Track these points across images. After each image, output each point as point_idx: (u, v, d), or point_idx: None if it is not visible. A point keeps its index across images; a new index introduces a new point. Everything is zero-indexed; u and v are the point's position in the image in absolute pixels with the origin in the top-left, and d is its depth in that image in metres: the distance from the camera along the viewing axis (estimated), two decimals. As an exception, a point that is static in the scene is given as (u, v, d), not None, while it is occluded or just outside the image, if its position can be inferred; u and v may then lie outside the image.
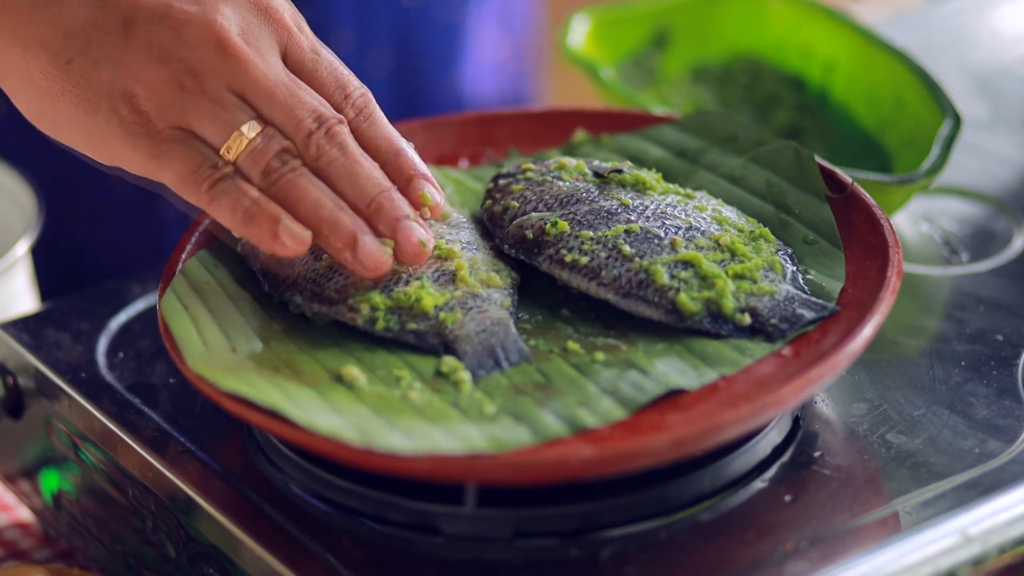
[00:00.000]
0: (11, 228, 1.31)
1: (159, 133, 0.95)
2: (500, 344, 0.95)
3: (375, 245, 0.95)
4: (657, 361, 0.95)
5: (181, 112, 0.95)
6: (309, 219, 0.95)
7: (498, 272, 0.99)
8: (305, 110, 0.96)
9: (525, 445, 0.89)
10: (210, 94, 0.95)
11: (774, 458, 0.97)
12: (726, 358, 0.95)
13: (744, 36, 1.43)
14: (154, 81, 0.95)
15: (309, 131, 0.96)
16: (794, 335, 0.96)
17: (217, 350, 0.95)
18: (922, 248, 1.19)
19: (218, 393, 0.92)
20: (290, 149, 0.96)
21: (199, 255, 1.03)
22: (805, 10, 1.40)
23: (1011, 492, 0.95)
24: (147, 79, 0.95)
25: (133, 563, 1.05)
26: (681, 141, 1.12)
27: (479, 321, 0.96)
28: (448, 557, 0.92)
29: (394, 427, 0.90)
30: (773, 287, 0.98)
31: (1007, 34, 1.56)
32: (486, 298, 0.97)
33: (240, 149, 0.95)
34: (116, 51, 0.96)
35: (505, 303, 0.97)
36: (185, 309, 0.98)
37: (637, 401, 0.92)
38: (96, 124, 0.96)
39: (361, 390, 0.93)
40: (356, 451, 0.89)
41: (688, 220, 1.01)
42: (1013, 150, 1.34)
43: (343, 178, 0.96)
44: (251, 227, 0.94)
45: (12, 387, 1.10)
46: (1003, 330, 1.07)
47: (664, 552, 0.92)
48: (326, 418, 0.90)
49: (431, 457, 0.88)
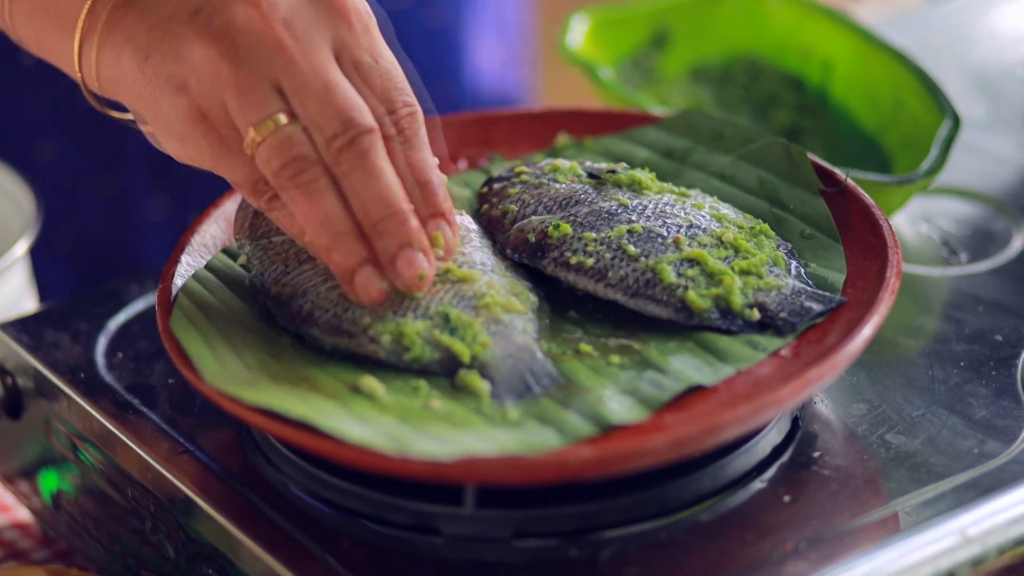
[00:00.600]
0: (11, 228, 1.31)
1: (215, 129, 0.94)
2: (528, 369, 0.94)
3: (371, 278, 0.94)
4: (672, 359, 0.95)
5: (220, 99, 0.93)
6: (313, 232, 0.93)
7: (517, 296, 0.98)
8: (335, 109, 0.93)
9: (555, 447, 0.89)
10: (243, 79, 0.92)
11: (773, 458, 0.97)
12: (739, 353, 0.95)
13: (743, 36, 1.43)
14: (199, 65, 0.93)
15: (334, 133, 0.93)
16: (804, 327, 0.96)
17: (232, 367, 0.95)
18: (921, 248, 1.19)
19: (243, 408, 0.92)
20: (309, 156, 0.93)
21: (197, 274, 1.02)
22: (804, 10, 1.40)
23: (1010, 492, 0.95)
24: (195, 64, 0.93)
25: (132, 563, 1.05)
26: (666, 142, 1.12)
27: (504, 346, 0.95)
28: (448, 557, 0.92)
29: (424, 434, 0.90)
30: (779, 282, 0.98)
31: (1007, 34, 1.56)
32: (508, 324, 0.96)
33: (261, 139, 0.93)
34: (179, 39, 0.94)
35: (528, 328, 0.96)
36: (193, 332, 0.97)
37: (659, 399, 0.92)
38: (164, 122, 0.95)
39: (382, 400, 0.93)
40: (391, 460, 0.88)
41: (688, 218, 1.01)
42: (1013, 150, 1.34)
43: (355, 191, 0.93)
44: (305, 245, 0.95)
45: (11, 387, 1.10)
46: (1002, 330, 1.07)
47: (664, 552, 0.92)
48: (356, 427, 0.90)
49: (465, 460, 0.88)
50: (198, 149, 0.95)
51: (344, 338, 0.96)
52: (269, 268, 1.00)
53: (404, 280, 0.94)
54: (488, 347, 0.94)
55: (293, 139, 0.93)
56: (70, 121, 1.43)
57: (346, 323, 0.96)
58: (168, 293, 1.00)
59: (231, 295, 1.01)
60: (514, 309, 0.97)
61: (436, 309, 0.95)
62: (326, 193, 0.93)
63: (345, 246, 0.93)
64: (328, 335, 0.96)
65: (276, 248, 1.00)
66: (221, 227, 1.07)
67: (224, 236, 1.07)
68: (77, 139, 1.44)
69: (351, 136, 0.93)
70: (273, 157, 0.93)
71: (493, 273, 0.99)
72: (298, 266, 0.99)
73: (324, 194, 0.93)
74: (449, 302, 0.96)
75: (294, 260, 0.99)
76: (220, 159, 0.95)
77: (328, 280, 0.97)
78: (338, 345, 0.96)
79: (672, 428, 0.90)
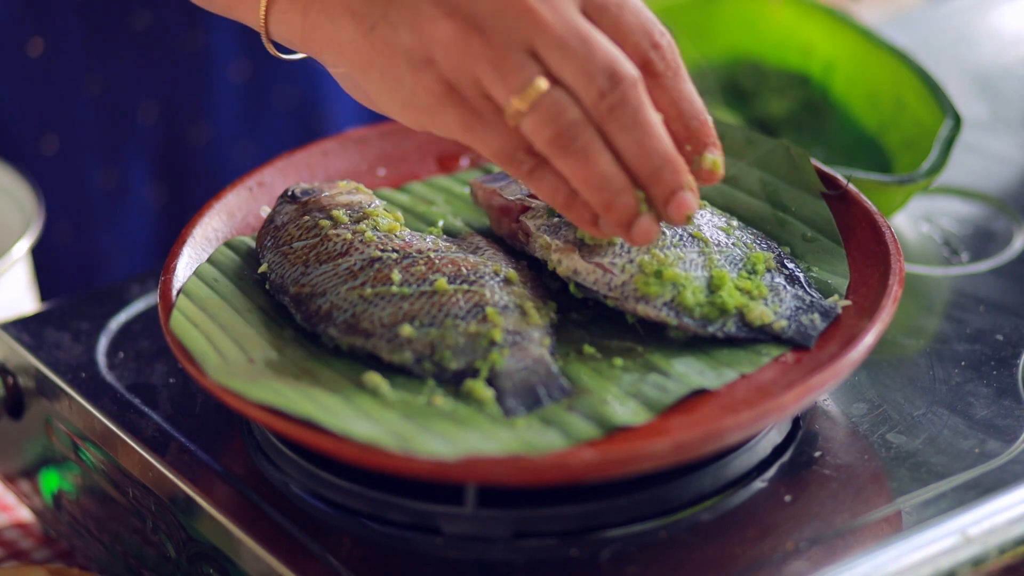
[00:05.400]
0: (11, 228, 1.31)
1: (466, 102, 0.91)
2: (541, 381, 0.94)
3: (651, 224, 0.92)
4: (675, 362, 0.95)
5: (472, 72, 0.90)
6: (591, 193, 0.91)
7: (537, 308, 0.98)
8: (598, 65, 0.89)
9: (558, 448, 0.89)
10: (496, 49, 0.90)
11: (774, 458, 0.97)
12: (743, 358, 0.95)
13: (744, 36, 1.43)
14: (445, 40, 0.90)
15: (601, 91, 0.90)
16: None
17: (235, 362, 0.95)
18: (922, 248, 1.19)
19: (246, 404, 0.92)
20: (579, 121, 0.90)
21: (199, 270, 1.03)
22: (805, 10, 1.40)
23: (1011, 492, 0.95)
24: (440, 38, 0.90)
25: (133, 563, 1.05)
26: None
27: (519, 358, 0.95)
28: (448, 557, 0.92)
29: (429, 432, 0.90)
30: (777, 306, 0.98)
31: (1007, 34, 1.56)
32: (525, 335, 0.96)
33: (526, 108, 0.90)
34: (411, 12, 0.91)
35: (545, 342, 0.96)
36: (195, 327, 0.97)
37: (662, 403, 0.92)
38: (403, 95, 0.92)
39: (386, 396, 0.93)
40: (395, 458, 0.88)
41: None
42: (1013, 150, 1.34)
43: (628, 145, 0.91)
44: (570, 211, 0.92)
45: (12, 387, 1.10)
46: (1003, 330, 1.07)
47: (664, 552, 0.92)
48: (360, 424, 0.90)
49: (469, 459, 0.88)
50: (446, 122, 0.93)
51: (360, 338, 0.96)
52: (289, 270, 1.00)
53: (676, 220, 0.92)
54: (504, 357, 0.94)
55: (560, 104, 0.90)
56: (74, 113, 1.43)
57: (364, 323, 0.96)
58: (170, 287, 1.00)
59: (234, 289, 1.01)
60: (533, 321, 0.97)
61: (461, 320, 0.95)
62: (601, 155, 0.91)
63: (623, 201, 0.91)
64: (345, 335, 0.96)
65: (297, 252, 1.01)
66: (223, 220, 1.07)
67: (226, 229, 1.07)
68: (81, 132, 1.44)
69: (620, 93, 0.90)
70: (544, 127, 0.90)
71: (513, 284, 0.99)
72: (318, 267, 0.99)
73: (600, 156, 0.91)
74: (472, 312, 0.96)
75: (314, 261, 1.00)
76: (473, 131, 0.92)
77: (348, 281, 0.98)
78: (354, 345, 0.96)
79: (674, 432, 0.90)
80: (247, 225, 1.08)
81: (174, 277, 1.01)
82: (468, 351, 0.94)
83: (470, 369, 0.94)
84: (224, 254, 1.04)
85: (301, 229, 1.02)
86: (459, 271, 0.98)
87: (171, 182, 1.50)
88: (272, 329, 0.98)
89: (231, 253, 1.05)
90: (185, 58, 1.45)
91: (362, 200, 1.04)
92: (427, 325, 0.95)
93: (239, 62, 1.48)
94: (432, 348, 0.94)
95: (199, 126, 1.48)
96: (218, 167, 1.50)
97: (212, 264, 1.03)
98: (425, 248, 1.00)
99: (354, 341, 0.96)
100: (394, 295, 0.96)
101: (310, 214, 1.03)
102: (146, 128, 1.46)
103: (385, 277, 0.97)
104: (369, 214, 1.02)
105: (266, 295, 1.01)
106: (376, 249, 0.99)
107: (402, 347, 0.95)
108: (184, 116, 1.47)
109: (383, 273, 0.98)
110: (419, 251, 0.99)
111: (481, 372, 0.94)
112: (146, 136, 1.47)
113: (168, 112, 1.46)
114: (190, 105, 1.47)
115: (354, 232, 1.01)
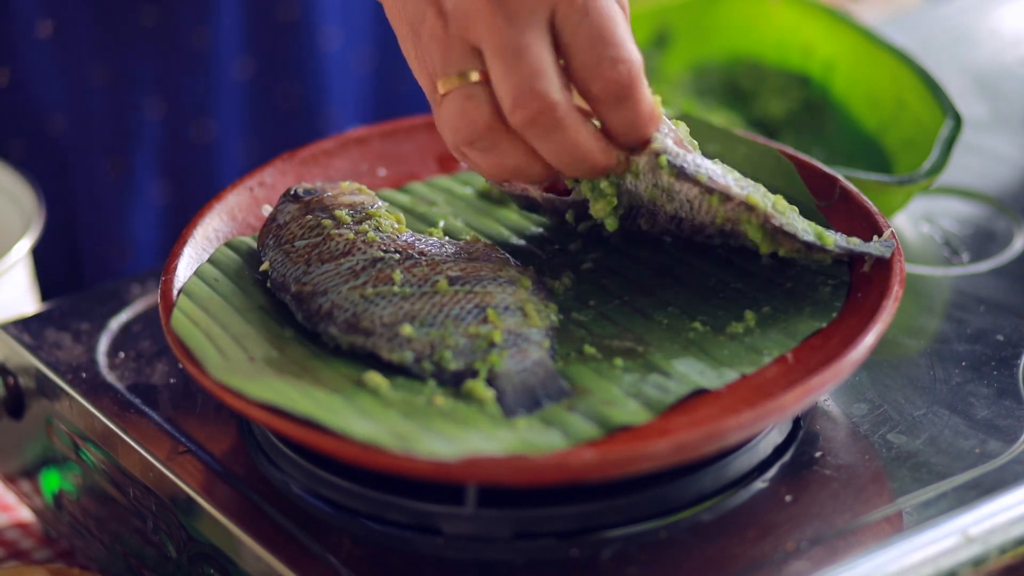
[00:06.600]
0: (11, 228, 1.31)
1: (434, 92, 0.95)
2: (540, 384, 0.94)
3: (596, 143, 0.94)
4: (676, 362, 0.95)
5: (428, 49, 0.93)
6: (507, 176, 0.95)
7: (538, 310, 0.98)
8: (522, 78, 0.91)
9: (559, 448, 0.89)
10: (449, 35, 0.92)
11: (775, 458, 0.97)
12: (743, 358, 0.95)
13: (744, 36, 1.43)
14: (425, 24, 0.93)
15: (515, 102, 0.91)
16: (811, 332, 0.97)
17: (235, 360, 0.95)
18: (922, 248, 1.19)
19: (246, 403, 0.92)
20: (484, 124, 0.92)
21: (199, 271, 1.03)
22: (805, 10, 1.40)
23: (1012, 492, 0.95)
24: (424, 21, 0.94)
25: (134, 563, 1.05)
26: None
27: (519, 360, 0.95)
28: (448, 557, 0.92)
29: (429, 432, 0.90)
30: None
31: (1007, 34, 1.56)
32: (525, 337, 0.96)
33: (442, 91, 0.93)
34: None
35: (545, 343, 0.96)
36: (196, 326, 0.97)
37: (663, 402, 0.92)
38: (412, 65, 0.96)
39: (386, 395, 0.93)
40: (395, 458, 0.88)
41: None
42: (1013, 150, 1.34)
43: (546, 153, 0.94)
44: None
45: (13, 387, 1.10)
46: (1003, 330, 1.07)
47: (665, 552, 0.92)
48: (360, 424, 0.90)
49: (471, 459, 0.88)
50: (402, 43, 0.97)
51: (360, 337, 0.96)
52: (291, 268, 1.00)
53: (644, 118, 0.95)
54: (503, 358, 0.94)
55: (473, 100, 0.93)
56: (82, 102, 1.44)
57: (364, 322, 0.96)
58: (171, 287, 1.01)
59: (234, 288, 1.01)
60: (533, 323, 0.97)
61: (462, 320, 0.95)
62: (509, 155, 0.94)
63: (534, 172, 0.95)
64: (345, 334, 0.96)
65: (299, 251, 1.01)
66: (224, 220, 1.07)
67: (227, 229, 1.07)
68: (88, 120, 1.44)
69: (534, 110, 0.91)
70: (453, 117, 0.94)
71: (514, 285, 0.99)
72: (319, 266, 0.99)
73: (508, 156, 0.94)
74: (472, 313, 0.96)
75: (316, 260, 1.00)
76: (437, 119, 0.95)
77: (349, 280, 0.98)
78: (354, 344, 0.96)
79: (674, 432, 0.90)
80: (247, 225, 1.08)
81: (175, 277, 1.01)
82: (468, 352, 0.94)
83: (469, 370, 0.94)
84: (225, 254, 1.05)
85: (303, 228, 1.02)
86: (461, 273, 0.98)
87: (175, 180, 1.50)
88: (272, 328, 0.98)
89: (232, 253, 1.05)
90: (191, 54, 1.45)
91: (365, 201, 1.04)
92: (427, 325, 0.95)
93: (243, 59, 1.48)
94: (432, 348, 0.95)
95: (204, 123, 1.49)
96: (221, 165, 1.50)
97: (213, 264, 1.03)
98: (428, 250, 1.00)
99: (354, 340, 0.96)
100: (395, 295, 0.97)
101: (313, 213, 1.03)
102: (153, 124, 1.46)
103: (387, 277, 0.98)
104: (372, 215, 1.02)
105: (267, 295, 1.01)
106: (378, 250, 0.99)
107: (402, 346, 0.95)
108: (189, 113, 1.48)
109: (385, 273, 0.98)
110: (421, 253, 0.99)
111: (480, 373, 0.94)
112: (153, 132, 1.47)
113: (174, 109, 1.47)
114: (196, 102, 1.47)
115: (356, 232, 1.01)
